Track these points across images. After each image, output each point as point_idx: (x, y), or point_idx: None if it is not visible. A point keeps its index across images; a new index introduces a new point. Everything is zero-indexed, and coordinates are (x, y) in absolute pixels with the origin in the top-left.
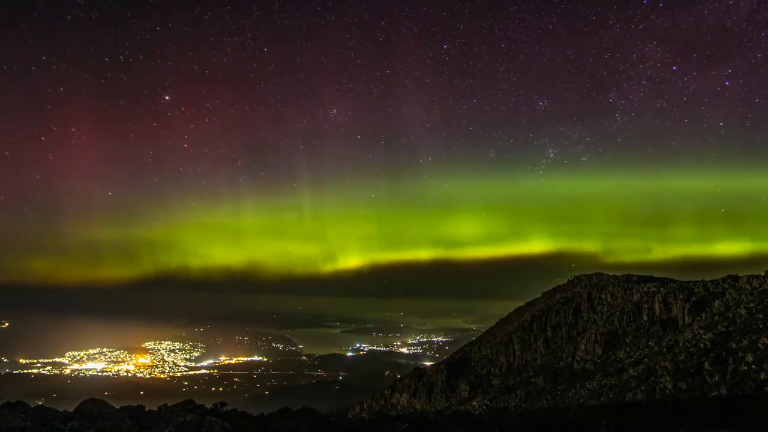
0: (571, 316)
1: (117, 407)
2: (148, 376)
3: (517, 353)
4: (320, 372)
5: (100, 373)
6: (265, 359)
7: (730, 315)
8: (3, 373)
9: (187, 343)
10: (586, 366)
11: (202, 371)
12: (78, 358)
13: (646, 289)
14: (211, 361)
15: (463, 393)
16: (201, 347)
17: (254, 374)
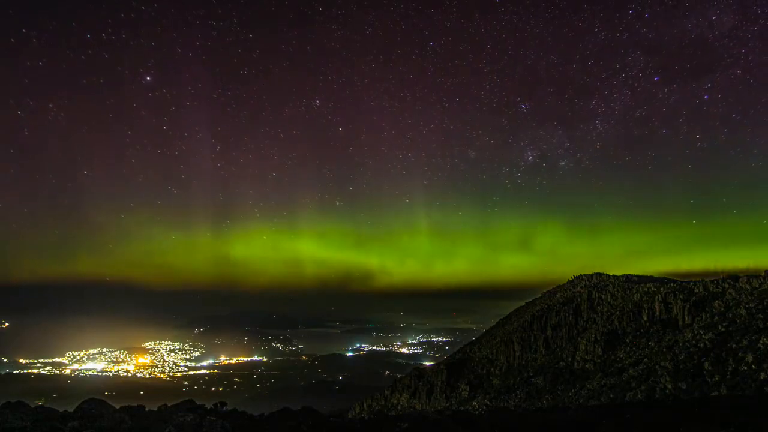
0: (571, 316)
1: (117, 407)
2: (148, 376)
3: (517, 353)
4: (320, 372)
5: (100, 373)
6: (265, 359)
7: (730, 315)
8: (3, 373)
9: (187, 343)
10: (586, 366)
11: (202, 371)
12: (78, 358)
13: (646, 289)
14: (211, 361)
15: (463, 393)
16: (201, 347)
17: (254, 374)
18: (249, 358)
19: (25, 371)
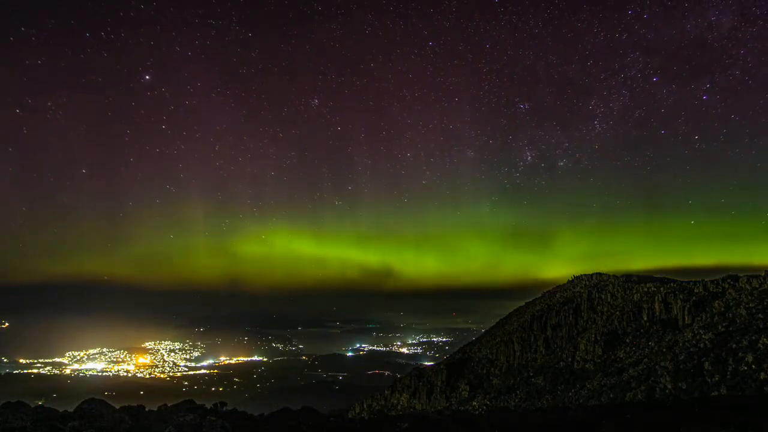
0: (571, 316)
1: (117, 407)
2: (148, 376)
3: (517, 353)
4: (320, 372)
5: (100, 373)
6: (265, 359)
7: (730, 315)
8: (3, 373)
9: (187, 343)
10: (586, 366)
11: (202, 371)
12: (78, 358)
13: (646, 289)
14: (211, 361)
15: (463, 393)
16: (201, 347)
17: (254, 374)
18: (249, 358)
19: (25, 371)
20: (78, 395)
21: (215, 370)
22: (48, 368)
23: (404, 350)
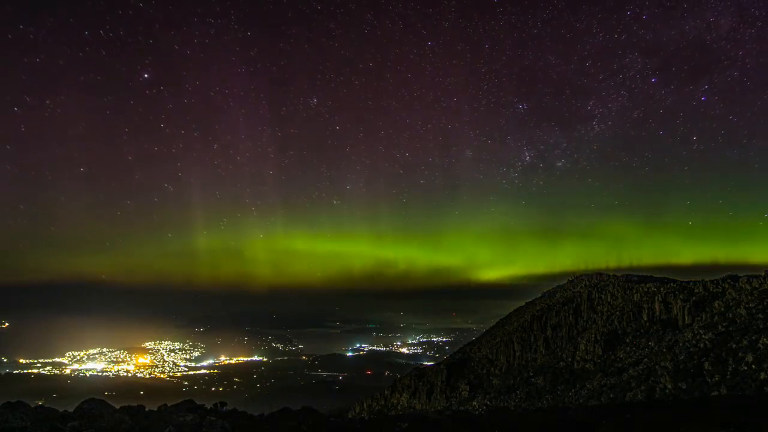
0: (571, 316)
1: (117, 407)
2: (148, 376)
3: (517, 353)
4: (320, 372)
5: (100, 373)
6: (265, 359)
7: (730, 315)
8: (3, 373)
9: (187, 343)
10: (586, 366)
11: (202, 371)
12: (78, 358)
13: (646, 289)
14: (211, 361)
15: (463, 393)
16: (201, 347)
17: (254, 374)
18: (249, 358)
19: (25, 371)
20: (78, 395)
21: (215, 370)
22: (48, 368)
23: (404, 350)
